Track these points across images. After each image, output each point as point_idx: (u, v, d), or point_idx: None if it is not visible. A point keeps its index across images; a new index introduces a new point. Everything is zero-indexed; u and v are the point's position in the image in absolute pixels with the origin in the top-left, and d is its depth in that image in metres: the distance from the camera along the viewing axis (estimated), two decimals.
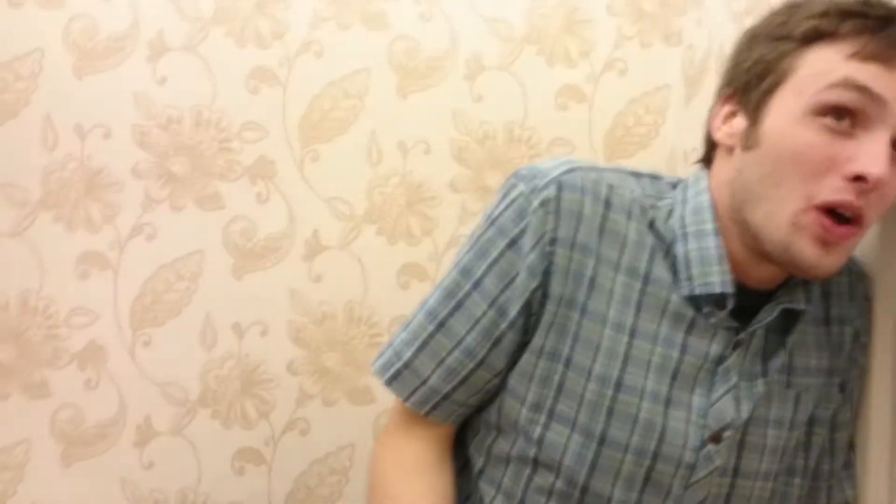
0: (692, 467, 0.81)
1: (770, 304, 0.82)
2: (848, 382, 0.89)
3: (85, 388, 1.26)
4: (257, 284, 1.26)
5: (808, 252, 0.75)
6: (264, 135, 1.25)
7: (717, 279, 0.79)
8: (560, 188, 0.82)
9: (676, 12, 1.26)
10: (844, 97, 0.73)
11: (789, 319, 0.84)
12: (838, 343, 0.87)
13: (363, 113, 1.26)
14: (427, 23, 1.25)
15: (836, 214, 0.74)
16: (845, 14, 0.74)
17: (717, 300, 0.81)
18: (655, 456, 0.81)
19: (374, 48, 1.26)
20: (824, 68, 0.74)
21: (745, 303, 0.81)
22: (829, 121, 0.74)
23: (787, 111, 0.76)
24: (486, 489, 0.88)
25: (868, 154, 0.72)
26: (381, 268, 1.27)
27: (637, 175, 0.87)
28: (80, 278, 1.25)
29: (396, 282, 1.27)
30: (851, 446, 0.91)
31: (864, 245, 0.92)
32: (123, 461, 1.27)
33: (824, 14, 0.75)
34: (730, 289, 0.79)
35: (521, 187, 0.83)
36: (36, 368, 1.25)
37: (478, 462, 0.89)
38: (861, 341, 0.89)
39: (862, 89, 0.73)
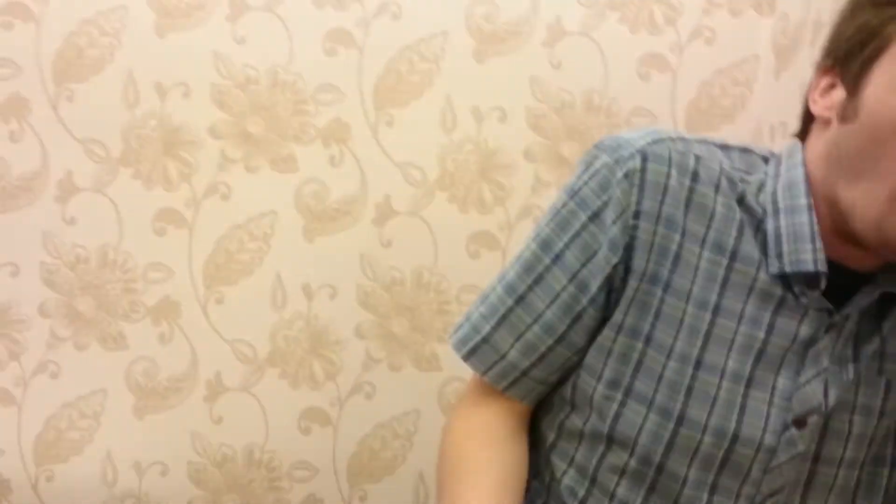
0: (773, 451, 0.78)
1: (869, 287, 0.77)
2: None
3: (159, 342, 1.29)
4: (328, 247, 1.27)
5: None
6: (340, 97, 1.25)
7: (810, 257, 0.75)
8: (645, 159, 0.79)
9: None
10: None
11: (886, 303, 0.80)
12: None
13: (439, 77, 1.24)
14: None
15: None
16: None
17: (809, 279, 0.77)
18: (734, 437, 0.78)
19: (452, 11, 1.23)
20: None
21: (839, 283, 0.78)
22: None
23: (887, 81, 0.71)
24: (557, 463, 0.86)
25: None
26: (452, 235, 1.26)
27: (726, 147, 0.83)
28: (156, 235, 1.27)
29: (466, 250, 1.25)
30: None
31: None
32: (194, 415, 1.30)
33: None
34: (822, 267, 0.75)
35: (605, 158, 0.80)
36: (113, 321, 1.29)
37: (549, 437, 0.88)
38: None
39: None
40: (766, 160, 0.83)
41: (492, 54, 1.24)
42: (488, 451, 0.84)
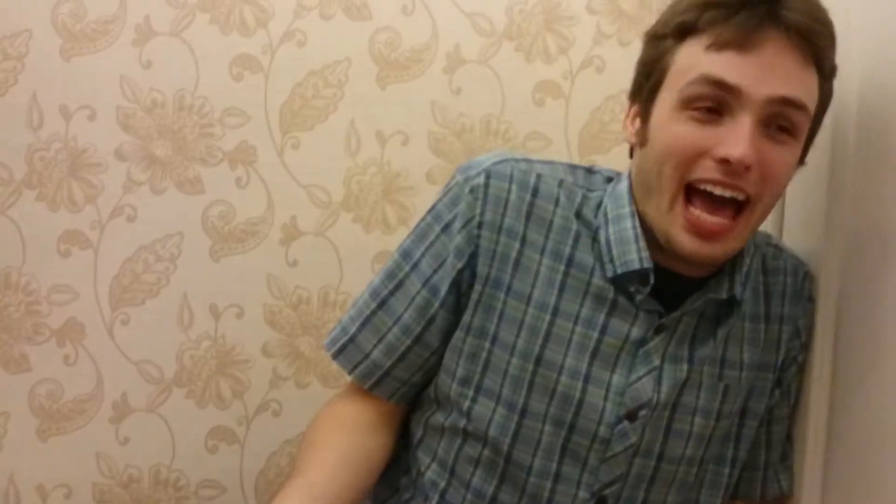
0: (607, 442, 0.85)
1: (698, 293, 0.85)
2: (785, 379, 0.92)
3: (63, 364, 1.29)
4: (235, 267, 1.29)
5: (683, 241, 0.80)
6: (246, 121, 1.28)
7: (635, 256, 0.83)
8: (489, 176, 0.87)
9: (654, 12, 1.28)
10: (704, 91, 0.77)
11: (724, 309, 0.87)
12: (774, 340, 0.90)
13: (343, 102, 1.28)
14: (409, 15, 1.27)
15: (714, 198, 0.78)
16: (705, 5, 0.78)
17: (640, 278, 0.84)
18: (571, 427, 0.85)
19: (355, 39, 1.28)
20: (688, 64, 0.78)
21: (678, 290, 0.85)
22: (696, 113, 0.78)
23: (664, 108, 0.80)
24: (422, 458, 0.92)
25: (731, 138, 0.76)
26: (357, 255, 1.29)
27: (573, 167, 0.91)
28: (61, 256, 1.27)
29: (371, 269, 1.29)
30: (789, 439, 0.94)
31: (809, 247, 0.95)
32: (99, 436, 1.29)
33: (689, 9, 0.79)
34: (648, 264, 0.83)
35: (458, 177, 0.89)
36: (16, 343, 1.28)
37: (416, 434, 0.94)
38: (801, 340, 0.91)
39: (717, 83, 0.76)
40: (609, 180, 0.91)
41: (394, 80, 1.28)
42: (339, 436, 0.90)
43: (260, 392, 1.31)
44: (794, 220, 1.01)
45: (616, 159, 1.29)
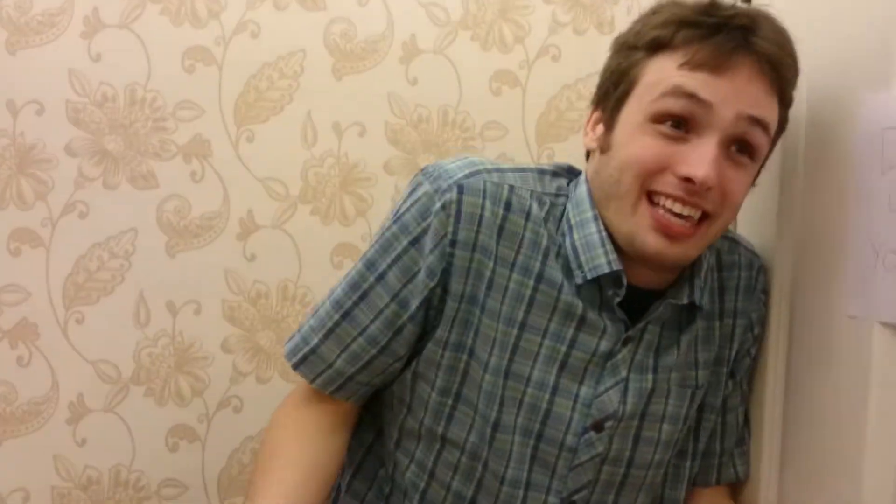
0: (574, 451, 0.86)
1: (658, 301, 0.86)
2: (738, 370, 0.94)
3: (17, 366, 1.26)
4: (191, 263, 1.27)
5: (649, 240, 0.80)
6: (199, 114, 1.26)
7: (603, 260, 0.83)
8: (461, 191, 0.85)
9: (609, 1, 1.29)
10: (675, 105, 0.77)
11: (686, 316, 0.89)
12: (728, 335, 0.92)
13: (299, 94, 1.27)
14: (364, 6, 1.26)
15: (673, 213, 0.79)
16: (681, 23, 0.78)
17: (614, 281, 0.84)
18: (539, 436, 0.85)
19: (310, 29, 1.26)
20: (659, 78, 0.79)
21: (641, 302, 0.85)
22: (664, 127, 0.78)
23: (632, 119, 0.80)
24: (401, 459, 0.93)
25: (695, 158, 0.77)
26: (315, 247, 1.28)
27: (541, 173, 0.91)
28: (11, 255, 1.24)
29: (330, 261, 1.28)
30: (746, 423, 0.96)
31: (763, 241, 0.96)
32: (56, 438, 1.27)
33: (665, 24, 0.79)
34: (617, 266, 0.83)
35: (426, 187, 0.86)
36: None
37: (393, 436, 0.94)
38: (755, 332, 0.93)
39: (690, 96, 0.77)
40: (570, 181, 0.91)
41: (350, 71, 1.27)
42: (300, 447, 0.89)
43: (220, 388, 1.29)
44: (748, 217, 1.02)
45: (573, 147, 1.29)
